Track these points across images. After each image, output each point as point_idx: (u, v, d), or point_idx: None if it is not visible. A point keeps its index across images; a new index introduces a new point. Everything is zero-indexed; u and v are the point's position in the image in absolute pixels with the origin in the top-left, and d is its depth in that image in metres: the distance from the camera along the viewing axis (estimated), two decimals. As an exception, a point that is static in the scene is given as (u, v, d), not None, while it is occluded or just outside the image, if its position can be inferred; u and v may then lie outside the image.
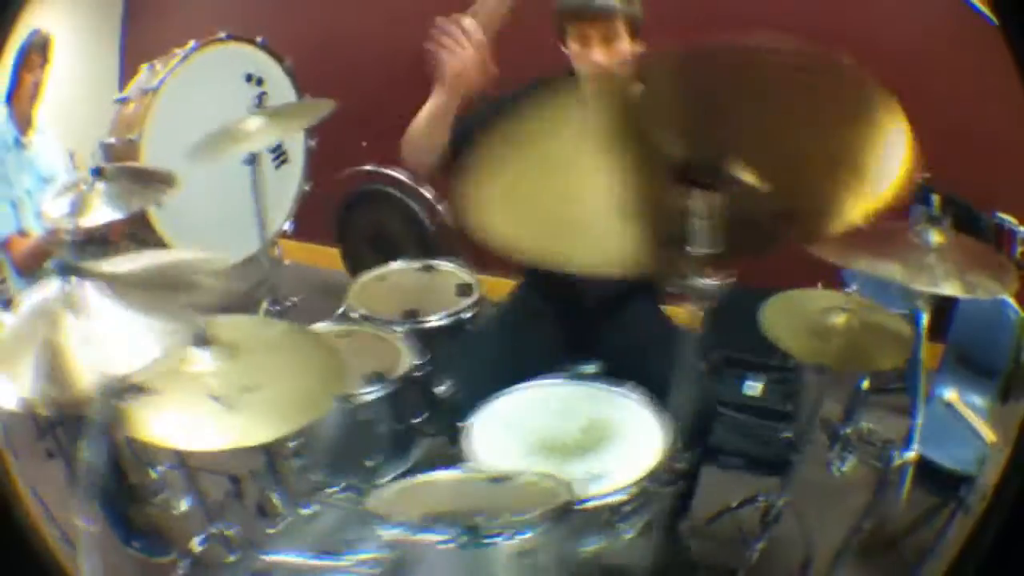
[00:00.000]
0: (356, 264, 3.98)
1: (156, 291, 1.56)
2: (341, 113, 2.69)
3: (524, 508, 1.36)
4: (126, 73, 4.37)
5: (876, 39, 3.03)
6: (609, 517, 1.60)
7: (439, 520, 1.33)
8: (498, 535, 1.32)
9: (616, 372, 1.98)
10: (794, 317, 2.06)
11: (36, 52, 2.59)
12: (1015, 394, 2.44)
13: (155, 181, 2.28)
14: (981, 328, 2.50)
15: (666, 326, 2.31)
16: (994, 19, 1.84)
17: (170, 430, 1.44)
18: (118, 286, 1.42)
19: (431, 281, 2.66)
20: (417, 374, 2.14)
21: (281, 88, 3.45)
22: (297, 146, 3.63)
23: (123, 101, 3.10)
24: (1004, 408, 2.42)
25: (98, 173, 2.12)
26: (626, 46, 2.02)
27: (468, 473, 1.57)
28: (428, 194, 3.74)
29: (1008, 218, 2.72)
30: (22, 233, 2.56)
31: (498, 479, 1.52)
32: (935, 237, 1.81)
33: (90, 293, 1.38)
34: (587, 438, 1.79)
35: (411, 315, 2.39)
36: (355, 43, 3.99)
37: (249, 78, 3.34)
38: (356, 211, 3.94)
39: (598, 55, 2.01)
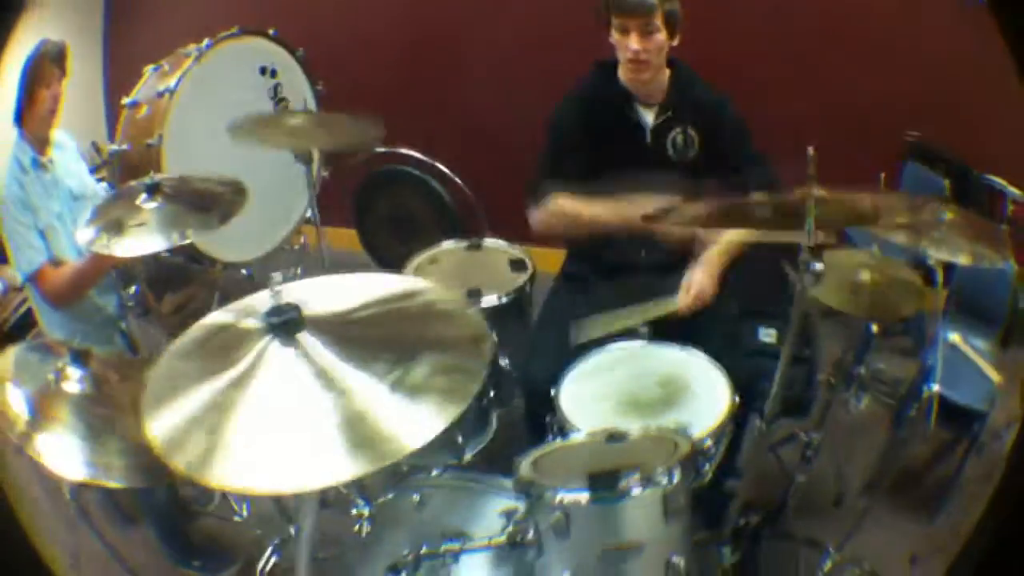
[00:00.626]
0: (376, 245, 4.17)
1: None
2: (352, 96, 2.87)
3: (652, 460, 1.59)
4: (111, 77, 4.46)
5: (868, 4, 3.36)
6: (698, 459, 1.86)
7: (586, 479, 1.55)
8: (641, 486, 1.55)
9: (672, 333, 2.25)
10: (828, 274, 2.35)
11: (51, 63, 2.37)
12: (1014, 342, 2.78)
13: (220, 200, 2.19)
14: (979, 279, 2.82)
15: None
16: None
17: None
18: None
19: (484, 258, 2.84)
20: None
21: (294, 78, 3.55)
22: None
23: (134, 105, 3.09)
24: (1005, 354, 2.74)
25: (152, 190, 2.09)
26: (662, 38, 2.29)
27: (588, 437, 1.76)
28: (446, 169, 3.86)
29: (997, 179, 3.05)
30: (55, 263, 2.37)
31: (615, 438, 1.70)
32: (948, 215, 2.14)
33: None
34: (666, 393, 2.06)
35: (474, 294, 2.54)
36: (343, 30, 4.10)
37: (263, 70, 3.43)
38: (373, 193, 4.05)
39: (635, 43, 2.27)
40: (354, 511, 1.92)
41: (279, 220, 3.62)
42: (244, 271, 3.52)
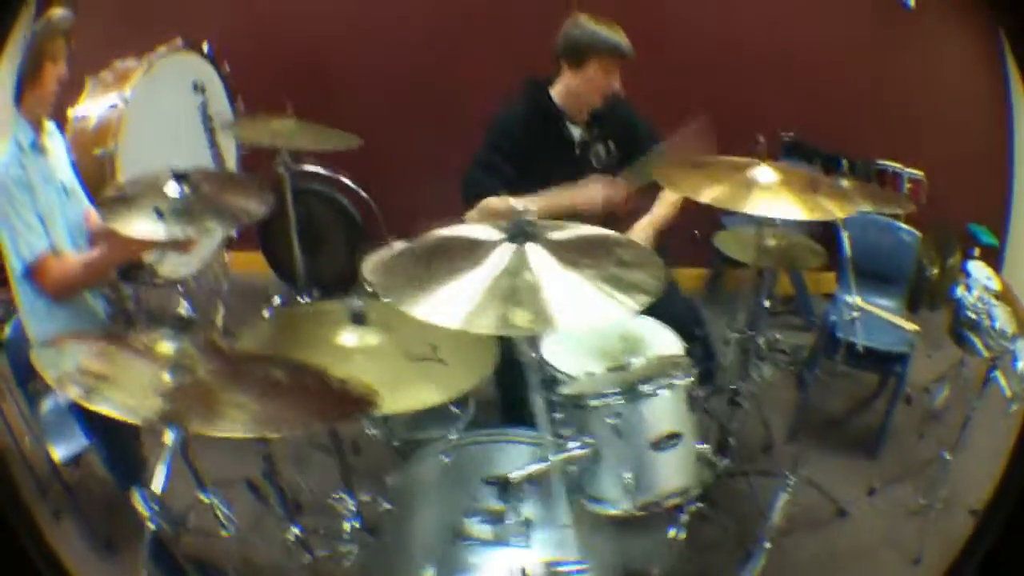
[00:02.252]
0: (283, 264, 4.29)
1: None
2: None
3: (659, 372, 1.95)
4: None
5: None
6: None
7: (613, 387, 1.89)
8: (661, 388, 1.89)
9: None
10: (739, 242, 2.92)
11: (62, 35, 2.19)
12: (922, 303, 3.31)
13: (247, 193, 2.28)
14: (878, 247, 3.36)
15: None
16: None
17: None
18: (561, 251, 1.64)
19: None
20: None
21: (218, 95, 3.69)
22: (231, 154, 3.88)
23: (81, 118, 3.09)
24: (915, 316, 3.25)
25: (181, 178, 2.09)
26: None
27: (598, 373, 2.11)
28: (349, 181, 4.11)
29: (889, 163, 3.66)
30: (56, 252, 2.21)
31: (618, 368, 2.09)
32: (845, 182, 2.73)
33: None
34: (627, 345, 2.43)
35: None
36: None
37: (195, 86, 3.54)
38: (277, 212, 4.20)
39: (617, 82, 2.76)
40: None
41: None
42: (180, 287, 3.61)
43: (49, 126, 2.38)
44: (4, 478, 1.51)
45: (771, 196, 2.27)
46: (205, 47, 3.58)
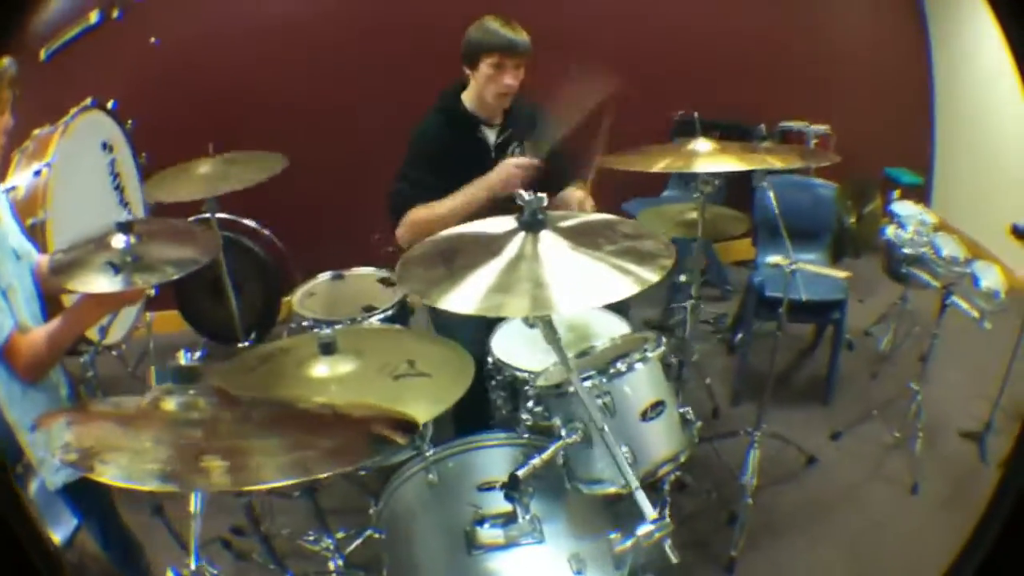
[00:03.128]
0: (199, 316, 4.28)
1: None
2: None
3: (632, 348, 2.01)
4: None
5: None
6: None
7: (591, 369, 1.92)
8: (637, 362, 1.94)
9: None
10: (662, 219, 3.08)
11: (5, 87, 1.96)
12: (845, 252, 3.49)
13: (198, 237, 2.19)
14: (798, 205, 3.49)
15: None
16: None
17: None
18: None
19: (354, 284, 3.13)
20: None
21: (124, 152, 3.66)
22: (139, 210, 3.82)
23: (11, 190, 3.04)
24: (840, 264, 3.41)
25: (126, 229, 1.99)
26: (522, 73, 2.78)
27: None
28: (250, 222, 4.07)
29: (793, 124, 3.85)
30: (23, 330, 2.00)
31: (584, 352, 2.18)
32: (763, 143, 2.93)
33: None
34: (577, 335, 2.49)
35: (369, 309, 2.87)
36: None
37: (104, 146, 3.52)
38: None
39: (510, 79, 2.75)
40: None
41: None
42: (115, 352, 3.54)
43: None
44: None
45: (713, 159, 2.49)
46: (110, 104, 3.56)
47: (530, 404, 2.14)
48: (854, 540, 2.80)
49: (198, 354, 1.76)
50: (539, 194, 1.67)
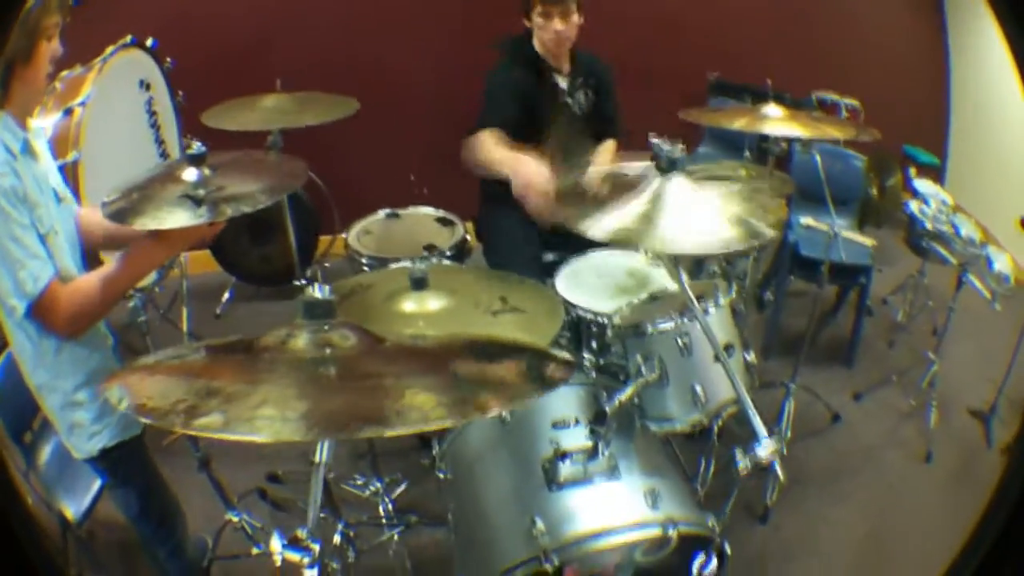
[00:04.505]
0: (231, 256, 4.33)
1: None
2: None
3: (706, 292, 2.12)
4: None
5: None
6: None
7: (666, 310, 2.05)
8: (710, 307, 2.05)
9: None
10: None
11: (57, 12, 1.78)
12: (870, 221, 3.62)
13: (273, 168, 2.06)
14: (830, 172, 3.57)
15: None
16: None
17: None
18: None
19: (411, 223, 3.18)
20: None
21: (161, 91, 3.65)
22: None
23: (41, 129, 3.04)
24: (864, 232, 3.54)
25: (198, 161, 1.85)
26: (576, 19, 2.91)
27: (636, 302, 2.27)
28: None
29: (827, 95, 3.95)
30: (64, 279, 1.79)
31: (655, 297, 2.29)
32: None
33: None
34: (636, 280, 2.60)
35: (430, 248, 2.89)
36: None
37: (142, 84, 3.52)
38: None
39: (559, 25, 2.88)
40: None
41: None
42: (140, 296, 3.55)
43: (33, 124, 1.94)
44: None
45: (782, 124, 2.68)
46: (149, 43, 3.53)
47: (594, 345, 2.25)
48: (873, 502, 2.94)
49: (226, 296, 1.67)
50: (676, 144, 1.81)
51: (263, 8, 4.22)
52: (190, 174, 1.85)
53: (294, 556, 1.25)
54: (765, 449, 1.61)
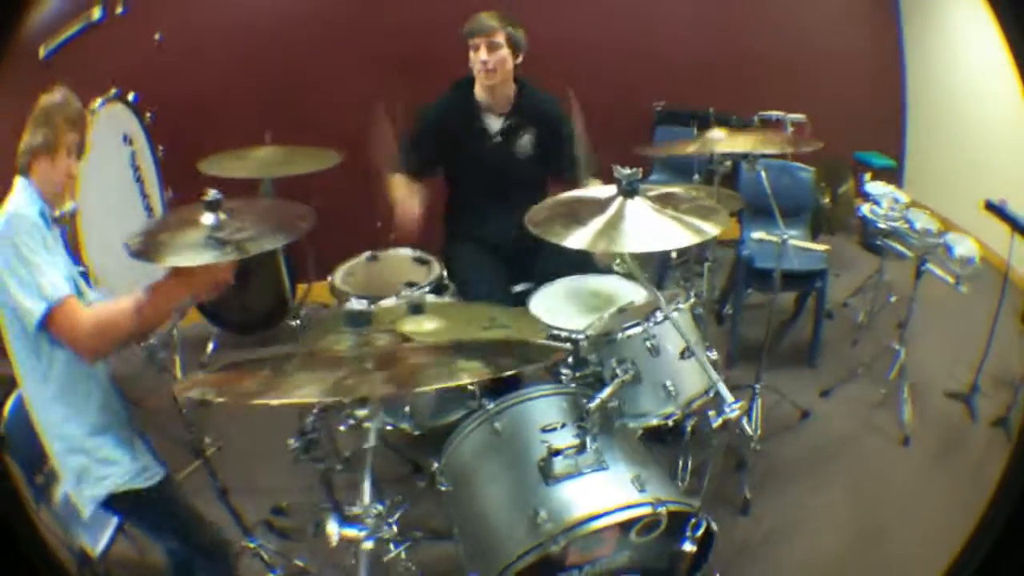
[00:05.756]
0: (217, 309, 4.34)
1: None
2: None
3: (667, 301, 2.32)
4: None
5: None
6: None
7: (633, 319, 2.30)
8: (672, 312, 2.21)
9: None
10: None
11: (61, 124, 1.96)
12: (824, 228, 3.88)
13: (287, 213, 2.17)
14: (779, 186, 3.80)
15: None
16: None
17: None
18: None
19: (391, 263, 3.34)
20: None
21: (142, 145, 3.79)
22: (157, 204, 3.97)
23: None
24: (818, 240, 3.82)
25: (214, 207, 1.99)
26: (504, 54, 3.04)
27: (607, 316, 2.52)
28: None
29: (772, 113, 4.23)
30: (82, 296, 1.91)
31: (623, 308, 2.54)
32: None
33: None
34: (601, 299, 2.83)
35: (411, 284, 2.97)
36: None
37: (125, 138, 3.67)
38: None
39: (483, 55, 3.03)
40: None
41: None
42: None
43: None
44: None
45: (728, 143, 3.06)
46: (131, 96, 3.67)
47: (570, 360, 2.46)
48: (854, 484, 3.09)
49: (211, 345, 1.78)
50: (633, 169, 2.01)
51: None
52: (208, 218, 2.00)
53: (350, 532, 1.44)
54: (733, 409, 1.77)
